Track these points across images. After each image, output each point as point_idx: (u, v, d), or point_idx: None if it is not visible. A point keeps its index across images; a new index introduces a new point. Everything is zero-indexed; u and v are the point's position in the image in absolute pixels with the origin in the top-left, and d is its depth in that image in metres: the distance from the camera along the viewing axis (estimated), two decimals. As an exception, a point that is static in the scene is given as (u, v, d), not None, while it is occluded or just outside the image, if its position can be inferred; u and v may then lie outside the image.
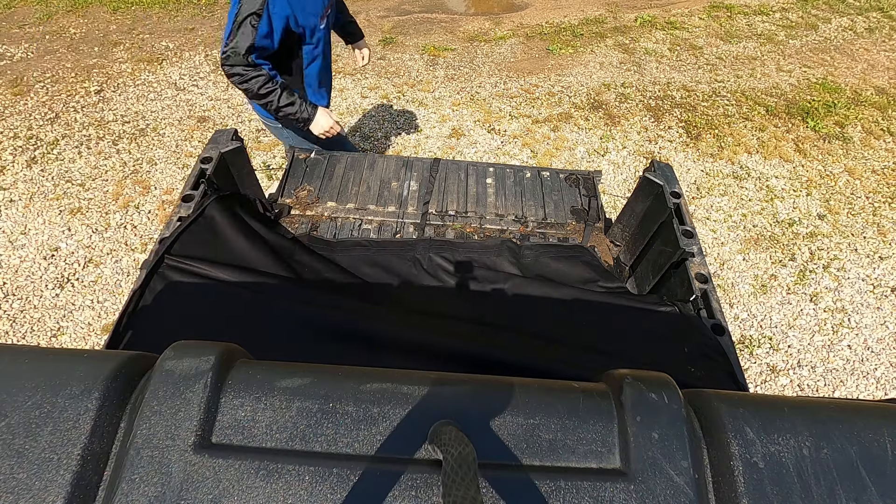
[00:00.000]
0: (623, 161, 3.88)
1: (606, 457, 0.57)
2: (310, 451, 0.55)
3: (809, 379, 2.69)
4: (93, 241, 3.09)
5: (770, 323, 2.92)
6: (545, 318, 1.24)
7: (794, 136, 4.16)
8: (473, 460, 0.47)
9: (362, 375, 0.62)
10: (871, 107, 4.52)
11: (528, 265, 1.51)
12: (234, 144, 1.56)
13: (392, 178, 1.85)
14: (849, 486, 0.54)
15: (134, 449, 0.53)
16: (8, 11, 5.28)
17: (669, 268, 1.44)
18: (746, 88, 4.68)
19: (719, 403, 0.60)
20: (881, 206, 3.62)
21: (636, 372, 0.63)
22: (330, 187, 1.80)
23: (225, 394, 0.58)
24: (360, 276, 1.34)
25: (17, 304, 2.77)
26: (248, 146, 1.68)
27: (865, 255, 3.28)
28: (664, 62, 5.02)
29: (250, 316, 1.12)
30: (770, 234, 3.38)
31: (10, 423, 0.54)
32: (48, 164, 3.55)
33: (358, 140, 3.93)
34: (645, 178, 1.60)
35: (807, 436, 0.56)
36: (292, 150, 1.90)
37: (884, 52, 5.32)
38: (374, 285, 1.31)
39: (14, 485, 0.51)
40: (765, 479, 0.54)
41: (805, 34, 5.54)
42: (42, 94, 4.19)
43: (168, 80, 4.44)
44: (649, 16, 5.68)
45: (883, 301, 3.04)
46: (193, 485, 0.52)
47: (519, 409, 0.59)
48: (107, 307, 2.79)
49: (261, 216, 1.53)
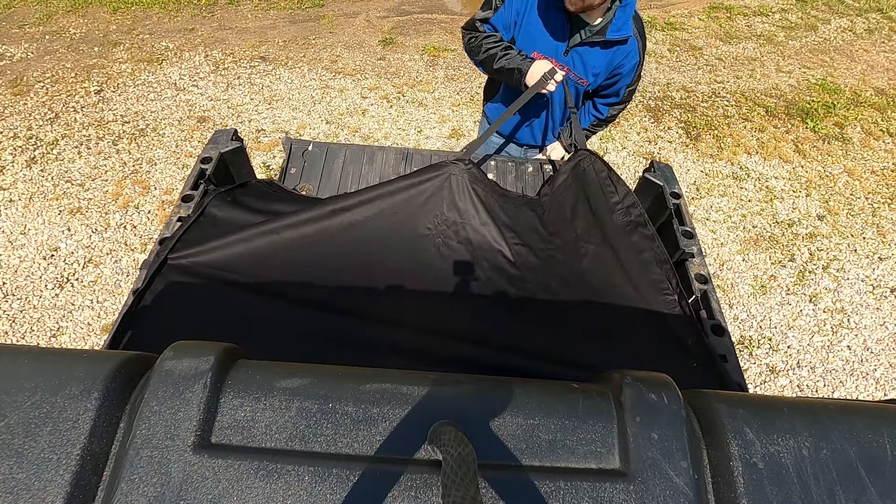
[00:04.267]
0: (623, 161, 3.88)
1: (606, 457, 0.57)
2: (309, 451, 0.55)
3: (809, 379, 2.69)
4: (92, 241, 3.09)
5: (769, 323, 2.92)
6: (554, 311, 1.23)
7: (793, 136, 4.17)
8: (473, 461, 0.47)
9: (362, 375, 0.62)
10: (870, 108, 4.52)
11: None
12: (233, 144, 1.56)
13: (392, 172, 1.85)
14: (848, 487, 0.54)
15: (133, 449, 0.53)
16: (8, 11, 5.28)
17: (669, 268, 1.44)
18: (746, 89, 4.68)
19: (719, 404, 0.60)
20: (880, 207, 3.62)
21: (636, 372, 0.63)
22: (329, 185, 1.80)
23: (224, 394, 0.58)
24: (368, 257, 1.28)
25: (17, 304, 2.77)
26: (247, 146, 1.67)
27: (865, 256, 3.28)
28: (664, 63, 5.02)
29: (250, 316, 1.12)
30: (770, 235, 3.38)
31: (10, 423, 0.54)
32: (48, 164, 3.55)
33: (358, 140, 3.93)
34: (645, 178, 1.60)
35: (806, 436, 0.56)
36: (289, 142, 1.88)
37: (883, 53, 5.32)
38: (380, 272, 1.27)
39: (13, 485, 0.51)
40: (764, 480, 0.54)
41: (804, 35, 5.54)
42: (42, 94, 4.19)
43: (168, 80, 4.44)
44: (649, 16, 5.69)
45: (882, 302, 3.04)
46: (193, 485, 0.52)
47: (518, 410, 0.59)
48: (106, 307, 2.79)
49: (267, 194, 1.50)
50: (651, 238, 1.29)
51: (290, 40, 5.07)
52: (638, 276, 1.24)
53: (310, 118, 4.11)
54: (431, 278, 1.24)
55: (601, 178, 1.43)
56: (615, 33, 1.61)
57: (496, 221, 1.33)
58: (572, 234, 1.36)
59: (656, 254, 1.26)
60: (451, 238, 1.31)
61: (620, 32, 1.61)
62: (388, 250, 1.27)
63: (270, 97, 4.32)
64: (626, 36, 1.62)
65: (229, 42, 5.00)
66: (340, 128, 4.04)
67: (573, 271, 1.27)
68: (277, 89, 4.41)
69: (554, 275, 1.27)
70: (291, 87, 4.45)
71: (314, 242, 1.25)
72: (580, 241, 1.34)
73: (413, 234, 1.30)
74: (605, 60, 1.71)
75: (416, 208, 1.33)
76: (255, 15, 5.48)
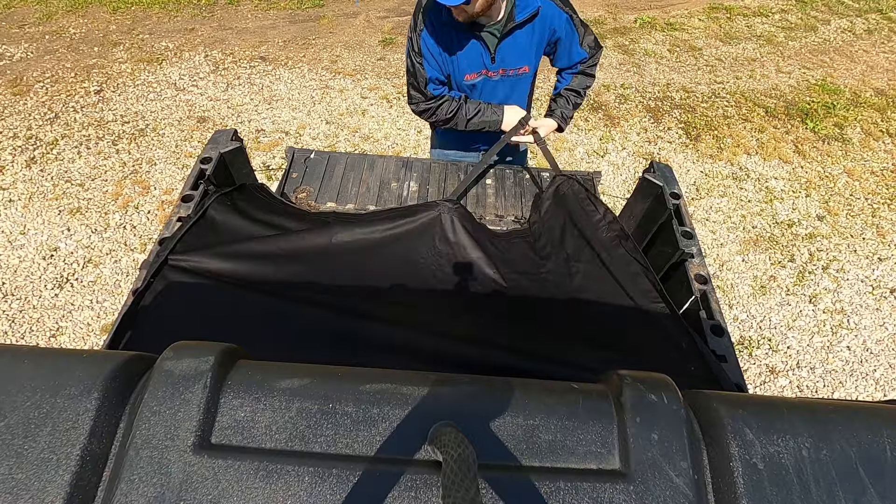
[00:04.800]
0: (622, 162, 3.88)
1: (606, 458, 0.57)
2: (309, 451, 0.55)
3: (808, 380, 2.69)
4: (92, 241, 3.09)
5: (769, 324, 2.92)
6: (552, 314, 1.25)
7: (793, 137, 4.17)
8: (473, 461, 0.47)
9: (362, 376, 0.62)
10: (870, 108, 4.52)
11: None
12: (233, 145, 1.56)
13: (392, 178, 1.85)
14: (848, 488, 0.54)
15: (133, 449, 0.53)
16: (8, 11, 5.28)
17: (669, 269, 1.44)
18: (746, 90, 4.68)
19: (719, 404, 0.60)
20: (880, 208, 3.62)
21: (636, 373, 0.63)
22: (329, 188, 1.80)
23: (224, 394, 0.58)
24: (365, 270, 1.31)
25: (17, 305, 2.76)
26: (247, 146, 1.68)
27: (864, 257, 3.28)
28: (664, 63, 5.02)
29: (250, 316, 1.12)
30: (769, 236, 3.38)
31: (10, 423, 0.54)
32: (47, 164, 3.55)
33: (358, 140, 3.93)
34: (644, 179, 1.60)
35: (806, 437, 0.56)
36: (292, 150, 1.91)
37: (883, 54, 5.33)
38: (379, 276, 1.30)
39: (13, 485, 0.51)
40: (764, 480, 0.54)
41: (804, 36, 5.55)
42: (42, 94, 4.19)
43: (168, 80, 4.44)
44: (649, 17, 5.69)
45: (882, 302, 3.04)
46: (193, 485, 0.52)
47: (519, 410, 0.59)
48: (106, 307, 2.79)
49: (262, 202, 1.52)
50: (635, 251, 1.34)
51: (289, 40, 5.07)
52: (628, 284, 1.27)
53: (310, 118, 4.11)
54: (428, 290, 1.28)
55: (581, 199, 1.52)
56: (522, 13, 1.61)
57: (488, 254, 1.38)
58: (563, 255, 1.40)
59: (642, 266, 1.30)
60: (445, 266, 1.36)
61: (528, 10, 1.61)
62: (384, 268, 1.32)
63: (270, 97, 4.32)
64: (535, 9, 1.62)
65: (229, 42, 5.00)
66: (340, 128, 4.04)
67: (566, 290, 1.31)
68: (277, 89, 4.42)
69: (547, 292, 1.31)
70: (291, 87, 4.45)
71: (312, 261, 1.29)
72: (571, 260, 1.38)
73: (407, 260, 1.35)
74: (531, 38, 1.72)
75: (410, 241, 1.39)
76: (254, 15, 5.48)
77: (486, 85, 1.80)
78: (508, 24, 1.63)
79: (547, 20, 1.69)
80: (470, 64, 1.72)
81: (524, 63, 1.78)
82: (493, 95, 1.84)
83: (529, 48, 1.74)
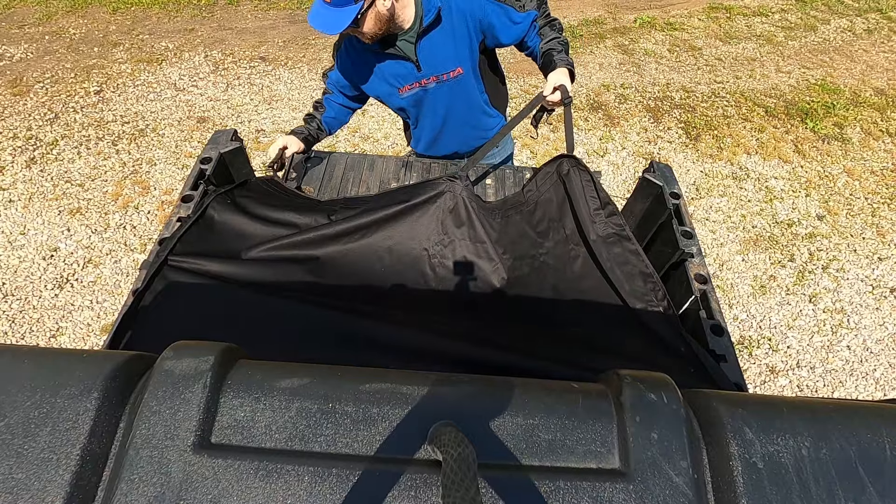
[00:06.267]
0: (622, 162, 3.88)
1: (606, 457, 0.57)
2: (309, 451, 0.55)
3: (808, 379, 2.69)
4: (92, 241, 3.09)
5: (769, 324, 2.92)
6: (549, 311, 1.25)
7: (793, 136, 4.17)
8: (473, 461, 0.47)
9: (362, 375, 0.62)
10: (869, 108, 4.52)
11: None
12: (233, 145, 1.56)
13: (391, 178, 1.85)
14: (847, 487, 0.54)
15: (133, 449, 0.53)
16: (8, 12, 5.28)
17: (669, 268, 1.44)
18: (745, 89, 4.68)
19: (718, 404, 0.60)
20: (880, 207, 3.62)
21: (635, 372, 0.63)
22: (329, 188, 1.80)
23: (224, 394, 0.58)
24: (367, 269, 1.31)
25: (17, 305, 2.77)
26: (247, 147, 1.68)
27: (864, 256, 3.28)
28: (663, 63, 5.02)
29: (250, 316, 1.12)
30: (769, 235, 3.38)
31: (10, 423, 0.54)
32: (47, 165, 3.55)
33: (358, 140, 3.93)
34: (644, 178, 1.60)
35: (806, 436, 0.57)
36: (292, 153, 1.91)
37: (882, 54, 5.33)
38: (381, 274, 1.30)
39: (13, 485, 0.51)
40: (764, 480, 0.54)
41: (804, 35, 5.55)
42: (41, 94, 4.19)
43: (168, 80, 4.44)
44: (648, 17, 5.69)
45: (882, 302, 3.04)
46: (193, 485, 0.52)
47: (518, 410, 0.59)
48: (106, 308, 2.79)
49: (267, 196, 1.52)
50: (636, 253, 1.28)
51: (289, 40, 5.07)
52: (621, 284, 1.25)
53: (309, 118, 4.11)
54: (428, 293, 1.28)
55: (584, 182, 1.42)
56: (427, 16, 1.57)
57: (490, 239, 1.36)
58: (562, 233, 1.38)
59: (641, 268, 1.26)
60: (448, 257, 1.34)
61: (431, 13, 1.57)
62: (384, 268, 1.32)
63: (270, 97, 4.32)
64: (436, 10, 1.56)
65: (229, 42, 5.00)
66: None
67: (565, 278, 1.29)
68: (277, 89, 4.42)
69: (547, 286, 1.29)
70: (291, 87, 4.45)
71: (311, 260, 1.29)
72: (570, 241, 1.36)
73: (409, 254, 1.34)
74: (451, 37, 1.64)
75: (413, 226, 1.37)
76: (254, 15, 5.48)
77: (426, 95, 1.77)
78: (420, 28, 1.60)
79: (464, 14, 1.61)
80: (398, 78, 1.71)
81: (454, 65, 1.70)
82: (438, 104, 1.80)
83: (454, 48, 1.66)
